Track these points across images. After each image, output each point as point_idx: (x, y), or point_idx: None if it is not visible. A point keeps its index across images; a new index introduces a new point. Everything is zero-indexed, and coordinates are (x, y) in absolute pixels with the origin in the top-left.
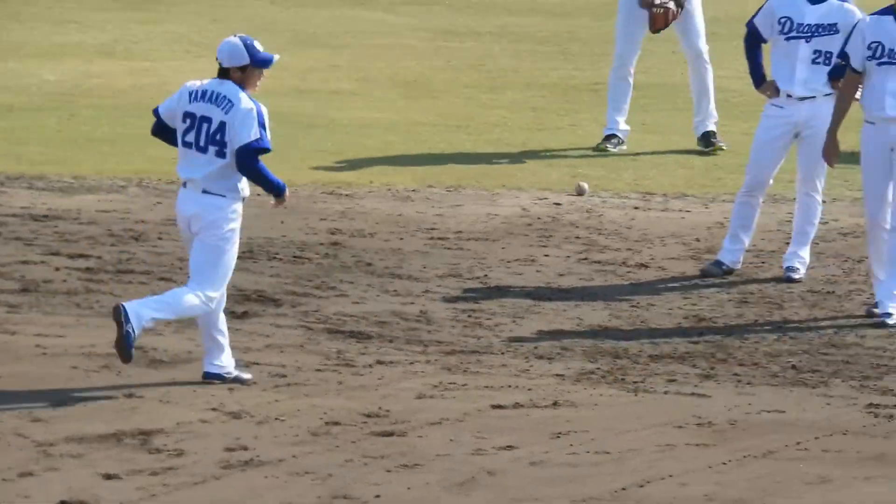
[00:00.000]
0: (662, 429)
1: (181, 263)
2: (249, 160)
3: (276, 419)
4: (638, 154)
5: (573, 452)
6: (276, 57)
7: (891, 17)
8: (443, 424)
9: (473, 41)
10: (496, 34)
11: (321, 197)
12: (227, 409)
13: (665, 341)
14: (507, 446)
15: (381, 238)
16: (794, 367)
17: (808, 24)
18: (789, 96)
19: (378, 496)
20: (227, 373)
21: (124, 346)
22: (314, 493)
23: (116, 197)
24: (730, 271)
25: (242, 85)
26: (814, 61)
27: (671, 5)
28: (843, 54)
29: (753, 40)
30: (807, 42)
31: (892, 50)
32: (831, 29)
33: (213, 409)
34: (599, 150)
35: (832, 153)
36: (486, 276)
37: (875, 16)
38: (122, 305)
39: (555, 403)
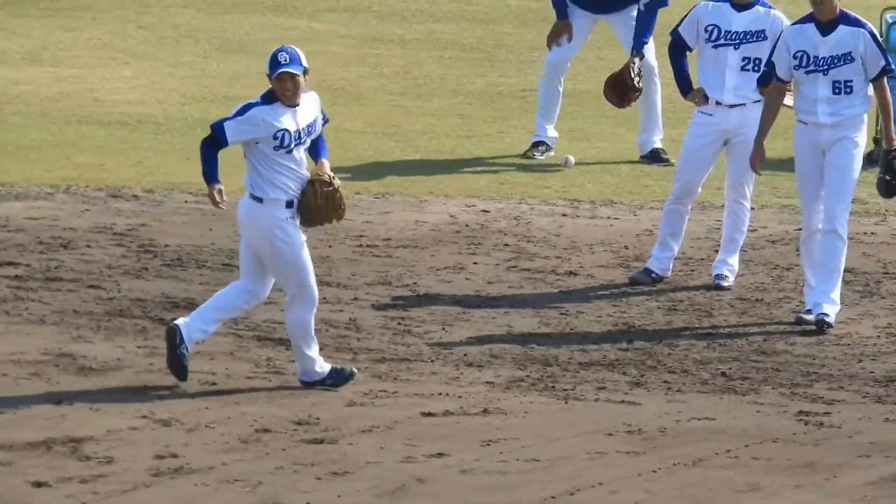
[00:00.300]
0: (592, 436)
1: (110, 271)
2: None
3: (206, 427)
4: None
5: (503, 460)
6: (280, 68)
7: (812, 25)
8: (373, 432)
9: (400, 48)
10: (422, 41)
11: None
12: (157, 417)
13: (595, 349)
14: (438, 454)
15: (309, 245)
16: (723, 374)
17: (735, 32)
18: (719, 104)
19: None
20: (321, 379)
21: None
22: (244, 500)
23: (44, 204)
24: (659, 279)
25: (274, 91)
26: (743, 68)
27: (642, 84)
28: (769, 63)
29: (678, 49)
30: (735, 49)
31: (818, 57)
32: (759, 35)
33: (143, 417)
34: (527, 157)
35: (758, 161)
36: (415, 283)
37: (797, 25)
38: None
39: (485, 411)
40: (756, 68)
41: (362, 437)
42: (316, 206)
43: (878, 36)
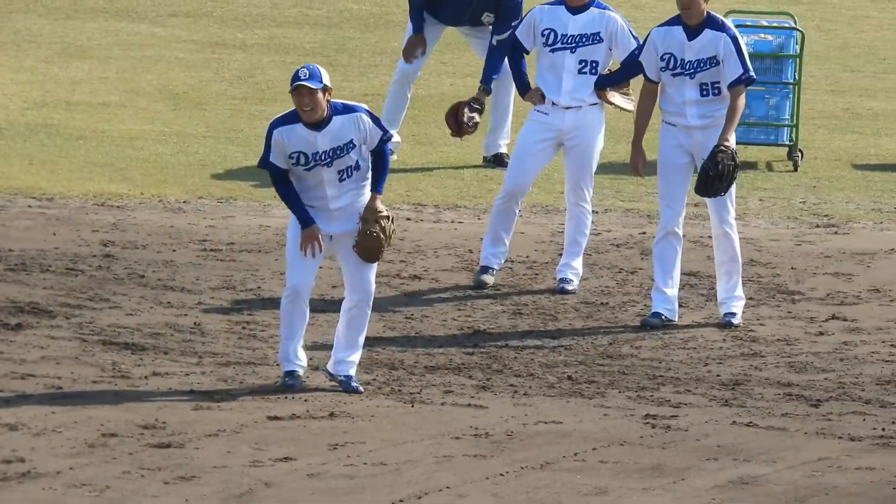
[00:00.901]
0: (440, 440)
1: None
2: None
3: (53, 431)
4: (409, 165)
5: (351, 464)
6: (297, 81)
7: (680, 28)
8: (220, 436)
9: (242, 52)
10: (264, 45)
11: (93, 209)
12: (4, 421)
13: (440, 352)
14: (285, 458)
15: (153, 250)
16: (570, 377)
17: (571, 35)
18: (555, 104)
19: None
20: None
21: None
22: None
23: None
24: (498, 269)
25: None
26: (580, 71)
27: (477, 118)
28: (637, 64)
29: (516, 52)
30: (572, 53)
31: (684, 60)
32: (595, 38)
33: None
34: None
35: (638, 163)
36: (259, 287)
37: (665, 26)
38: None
39: (331, 415)
40: (593, 71)
41: (209, 442)
42: (368, 246)
43: (740, 42)
